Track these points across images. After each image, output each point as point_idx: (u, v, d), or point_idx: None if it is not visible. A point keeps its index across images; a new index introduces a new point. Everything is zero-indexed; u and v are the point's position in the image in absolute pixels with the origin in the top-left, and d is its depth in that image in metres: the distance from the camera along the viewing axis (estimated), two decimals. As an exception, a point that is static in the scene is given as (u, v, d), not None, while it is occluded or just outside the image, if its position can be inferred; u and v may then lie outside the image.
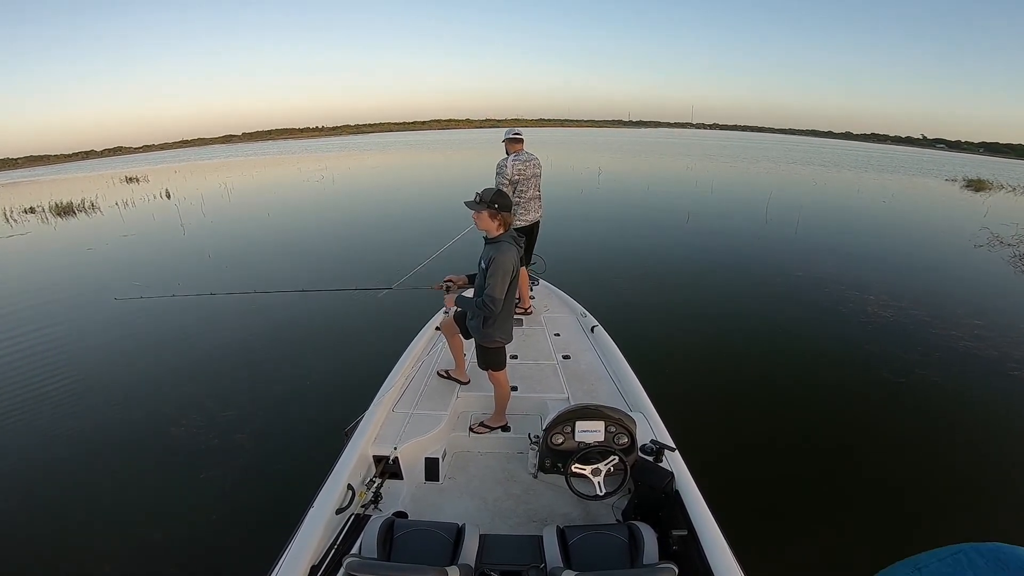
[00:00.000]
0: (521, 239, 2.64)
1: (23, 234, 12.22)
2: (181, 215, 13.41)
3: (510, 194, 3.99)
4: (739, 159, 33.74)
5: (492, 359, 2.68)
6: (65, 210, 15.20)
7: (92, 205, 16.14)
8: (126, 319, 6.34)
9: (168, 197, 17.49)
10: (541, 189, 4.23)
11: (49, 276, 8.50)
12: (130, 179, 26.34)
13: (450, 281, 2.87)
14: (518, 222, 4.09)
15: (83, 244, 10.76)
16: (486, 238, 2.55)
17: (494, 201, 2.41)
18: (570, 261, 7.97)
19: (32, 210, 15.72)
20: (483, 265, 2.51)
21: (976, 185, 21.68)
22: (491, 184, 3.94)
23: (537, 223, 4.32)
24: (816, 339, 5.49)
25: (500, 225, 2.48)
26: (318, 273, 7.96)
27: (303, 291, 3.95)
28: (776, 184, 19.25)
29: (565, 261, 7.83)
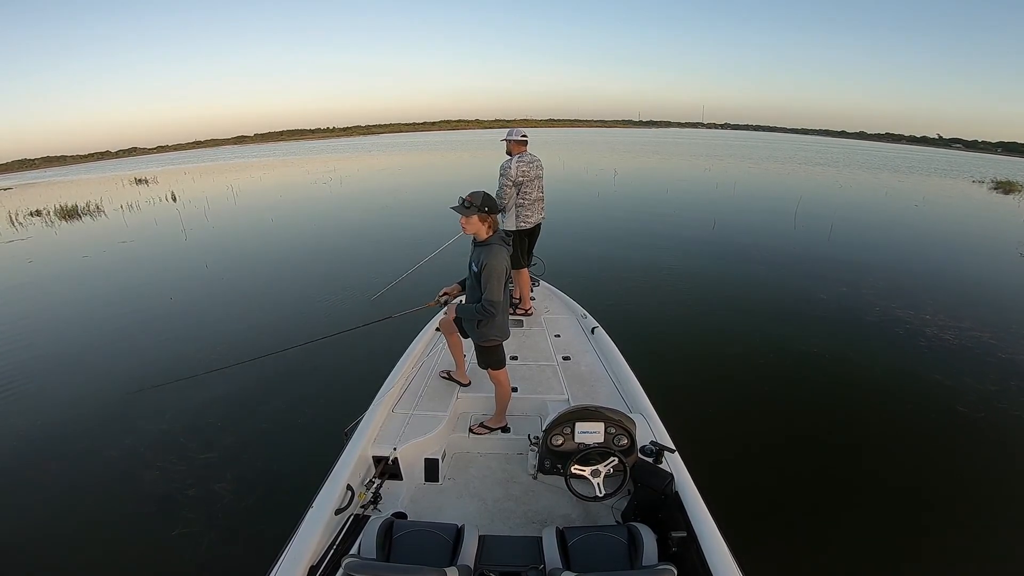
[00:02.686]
0: (509, 239, 2.65)
1: (24, 239, 11.91)
2: (184, 220, 13.11)
3: (514, 196, 3.98)
4: (752, 159, 33.08)
5: (490, 358, 2.69)
6: (70, 213, 15.06)
7: (97, 208, 16.02)
8: (110, 335, 5.91)
9: (174, 200, 17.37)
10: (544, 191, 4.23)
11: (36, 290, 7.90)
12: (139, 180, 26.67)
13: (446, 295, 2.91)
14: (523, 224, 4.09)
15: (80, 251, 10.38)
16: (475, 241, 2.55)
17: (484, 204, 2.42)
18: (581, 263, 7.87)
19: (38, 213, 15.65)
20: (475, 268, 2.52)
21: (1006, 187, 20.90)
22: (495, 186, 3.95)
23: (539, 224, 4.32)
24: (861, 358, 5.03)
25: (489, 227, 2.49)
26: (313, 288, 7.28)
27: (284, 351, 3.91)
28: (801, 187, 18.42)
29: (574, 264, 7.75)
